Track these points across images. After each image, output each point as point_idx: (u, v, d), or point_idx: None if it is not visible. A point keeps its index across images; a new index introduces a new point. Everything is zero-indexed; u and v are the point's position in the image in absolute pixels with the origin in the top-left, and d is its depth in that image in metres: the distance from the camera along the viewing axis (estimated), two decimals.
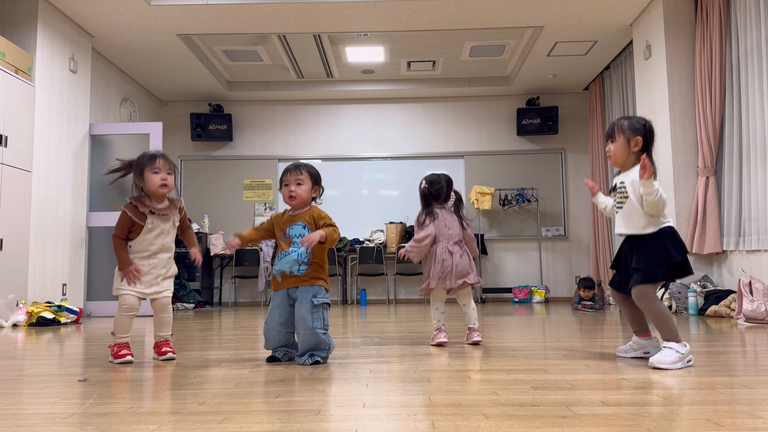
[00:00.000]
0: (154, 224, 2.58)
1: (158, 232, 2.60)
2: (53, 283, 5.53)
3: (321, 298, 2.50)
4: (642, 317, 2.56)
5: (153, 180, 2.57)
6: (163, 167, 2.60)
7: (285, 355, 2.56)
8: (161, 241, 2.61)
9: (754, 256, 4.79)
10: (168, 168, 2.62)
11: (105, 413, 1.59)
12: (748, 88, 4.84)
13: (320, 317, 2.47)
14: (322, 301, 2.50)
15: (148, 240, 2.58)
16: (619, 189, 2.47)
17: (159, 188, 2.58)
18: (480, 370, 2.26)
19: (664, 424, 1.40)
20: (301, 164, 2.61)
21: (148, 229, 2.57)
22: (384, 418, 1.52)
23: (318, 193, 2.65)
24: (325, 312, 2.51)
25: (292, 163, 2.61)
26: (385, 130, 8.61)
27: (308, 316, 2.45)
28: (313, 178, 2.60)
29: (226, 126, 8.41)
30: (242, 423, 1.47)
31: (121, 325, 2.58)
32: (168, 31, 6.22)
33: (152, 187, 2.58)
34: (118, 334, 2.59)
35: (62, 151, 5.75)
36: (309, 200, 2.61)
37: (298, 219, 2.56)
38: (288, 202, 2.59)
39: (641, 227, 2.38)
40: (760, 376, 2.07)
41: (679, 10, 5.58)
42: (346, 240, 8.08)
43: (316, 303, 2.48)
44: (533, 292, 7.84)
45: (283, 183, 2.60)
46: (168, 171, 2.62)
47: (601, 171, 7.68)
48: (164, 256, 2.63)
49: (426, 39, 6.82)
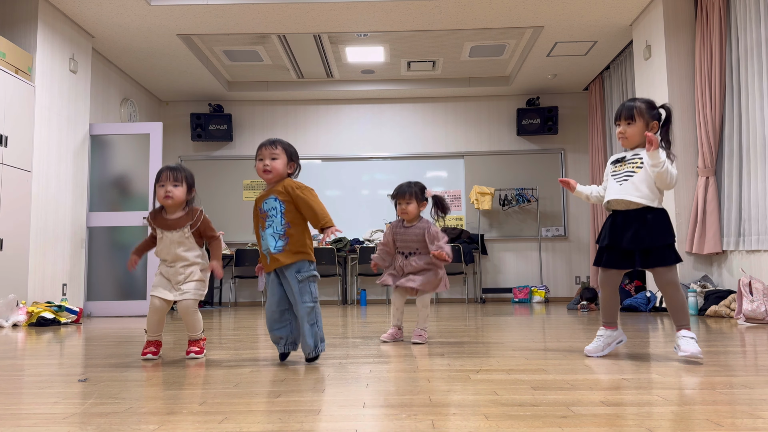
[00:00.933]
0: (164, 235, 2.68)
1: (168, 243, 2.67)
2: (53, 283, 5.53)
3: (305, 272, 2.44)
4: (617, 306, 2.57)
5: (159, 194, 2.69)
6: (167, 180, 2.67)
7: (291, 344, 2.53)
8: (173, 251, 2.67)
9: (754, 256, 4.79)
10: (173, 180, 2.67)
11: (105, 413, 1.59)
12: (748, 88, 4.84)
13: (307, 290, 2.43)
14: (306, 275, 2.44)
15: (163, 250, 2.69)
16: (630, 160, 2.49)
17: (163, 200, 2.68)
18: (480, 370, 2.26)
19: (664, 424, 1.40)
20: (276, 139, 2.56)
21: (159, 239, 2.70)
22: (384, 418, 1.52)
23: (294, 170, 2.58)
24: (312, 285, 2.46)
25: (267, 139, 2.56)
26: (385, 130, 8.61)
27: (297, 294, 2.42)
28: (288, 154, 2.55)
29: (226, 126, 8.41)
30: (242, 423, 1.47)
31: (149, 324, 2.72)
32: (168, 31, 6.22)
33: (159, 200, 2.70)
34: (148, 331, 2.74)
35: (62, 151, 5.75)
36: (284, 175, 2.54)
37: (271, 193, 2.49)
38: (263, 176, 2.54)
39: (650, 199, 2.42)
40: (760, 376, 2.07)
41: (679, 10, 5.58)
42: (346, 240, 8.08)
43: (300, 278, 2.42)
44: (533, 292, 7.84)
45: (257, 158, 2.56)
46: (174, 183, 2.67)
47: (601, 171, 7.68)
48: (179, 264, 2.67)
49: (426, 39, 6.82)
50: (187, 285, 2.66)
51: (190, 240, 2.68)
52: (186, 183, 2.69)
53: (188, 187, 2.71)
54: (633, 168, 2.46)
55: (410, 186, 3.20)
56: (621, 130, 2.52)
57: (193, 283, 2.66)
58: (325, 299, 8.27)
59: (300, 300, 2.42)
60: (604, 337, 2.54)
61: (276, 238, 2.45)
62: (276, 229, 2.45)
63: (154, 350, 2.70)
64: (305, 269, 2.45)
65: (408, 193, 3.17)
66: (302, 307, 2.42)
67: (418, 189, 3.19)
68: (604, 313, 2.58)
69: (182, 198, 2.68)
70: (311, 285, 2.46)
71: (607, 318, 2.55)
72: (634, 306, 5.60)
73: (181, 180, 2.67)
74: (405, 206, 3.17)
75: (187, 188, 2.70)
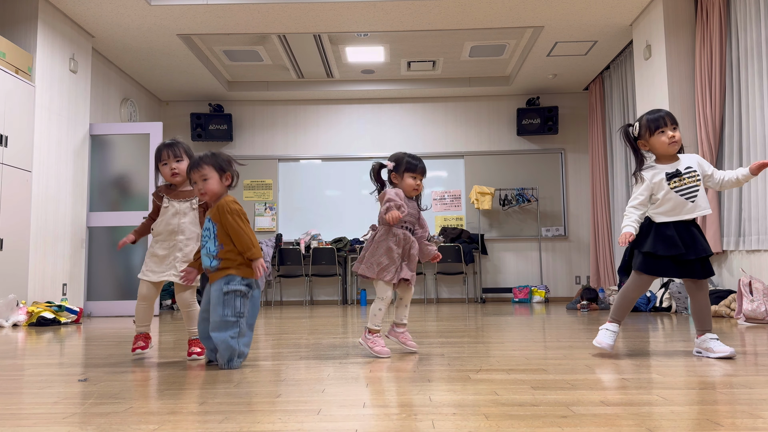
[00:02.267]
0: (170, 204, 2.69)
1: (172, 213, 2.67)
2: (53, 283, 5.53)
3: (233, 285, 2.36)
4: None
5: (164, 173, 2.72)
6: (169, 158, 2.69)
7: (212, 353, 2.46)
8: (177, 221, 2.67)
9: (754, 256, 4.79)
10: (175, 157, 2.70)
11: (105, 413, 1.59)
12: (748, 88, 4.84)
13: (231, 304, 2.35)
14: (233, 288, 2.36)
15: (165, 220, 2.68)
16: (687, 174, 2.56)
17: (171, 178, 2.71)
18: (480, 370, 2.26)
19: (664, 424, 1.40)
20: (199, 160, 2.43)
21: (164, 208, 2.69)
22: (384, 418, 1.52)
23: (231, 180, 2.49)
24: (237, 299, 2.36)
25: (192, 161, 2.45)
26: (385, 130, 8.61)
27: (218, 306, 2.34)
28: (217, 168, 2.44)
29: (226, 126, 8.41)
30: (242, 423, 1.47)
31: (137, 313, 2.74)
32: (168, 31, 6.22)
33: (166, 178, 2.72)
34: (136, 322, 2.75)
35: (62, 151, 5.75)
36: (222, 192, 2.46)
37: (209, 213, 2.45)
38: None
39: (707, 206, 2.56)
40: (760, 376, 2.07)
41: (679, 10, 5.58)
42: (346, 240, 8.08)
43: (226, 290, 2.35)
44: (533, 292, 7.84)
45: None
46: (176, 159, 2.70)
47: (601, 171, 7.68)
48: (181, 237, 2.66)
49: (426, 39, 6.82)
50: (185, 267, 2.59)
51: (196, 213, 2.71)
52: (186, 156, 2.73)
53: (189, 159, 2.71)
54: (694, 182, 2.56)
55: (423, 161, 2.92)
56: (673, 134, 2.57)
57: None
58: (325, 299, 8.27)
59: (220, 312, 2.33)
60: (615, 333, 2.63)
61: (210, 258, 2.40)
62: (210, 250, 2.40)
63: (143, 344, 2.71)
64: (235, 282, 2.37)
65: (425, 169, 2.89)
66: (221, 318, 2.33)
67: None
68: (622, 312, 2.66)
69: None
70: (237, 298, 2.36)
71: (621, 317, 2.65)
72: (635, 306, 5.60)
73: (181, 154, 2.72)
74: (421, 182, 2.89)
75: (189, 160, 2.71)
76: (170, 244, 2.66)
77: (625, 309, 2.67)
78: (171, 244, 2.66)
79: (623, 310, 2.66)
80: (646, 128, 2.60)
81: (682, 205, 2.54)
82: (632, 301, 2.67)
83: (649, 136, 2.59)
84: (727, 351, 2.44)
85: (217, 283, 2.38)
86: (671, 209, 2.55)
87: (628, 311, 2.67)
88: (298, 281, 8.21)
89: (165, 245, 2.67)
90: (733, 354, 2.45)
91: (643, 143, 2.64)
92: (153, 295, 2.71)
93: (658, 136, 2.57)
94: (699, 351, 2.55)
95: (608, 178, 7.63)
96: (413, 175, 2.84)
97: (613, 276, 7.26)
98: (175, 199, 2.69)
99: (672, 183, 2.56)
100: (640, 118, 2.65)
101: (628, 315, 2.75)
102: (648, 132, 2.59)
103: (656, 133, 2.57)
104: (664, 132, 2.57)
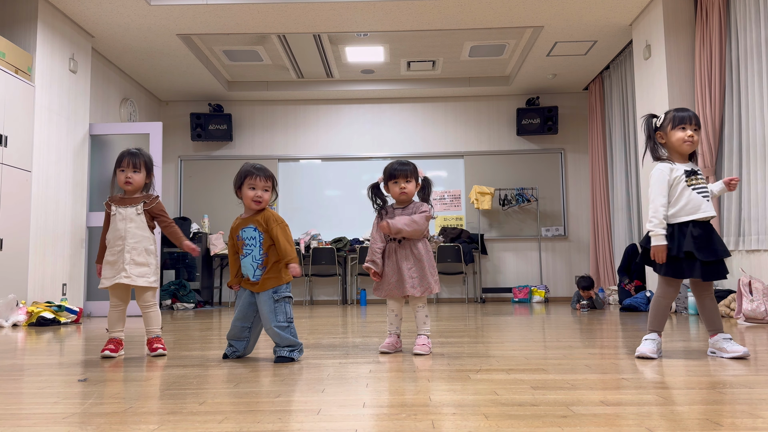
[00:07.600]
0: (117, 211, 2.79)
1: (119, 219, 2.78)
2: (53, 283, 5.53)
3: (281, 293, 2.57)
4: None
5: (119, 178, 2.83)
6: (128, 166, 2.81)
7: (233, 353, 2.65)
8: (124, 226, 2.78)
9: (754, 256, 4.79)
10: (133, 167, 2.81)
11: (105, 413, 1.59)
12: (748, 88, 4.84)
13: (282, 310, 2.56)
14: (282, 295, 2.57)
15: (114, 227, 2.79)
16: (700, 175, 2.59)
17: (124, 185, 2.83)
18: (480, 370, 2.26)
19: (664, 424, 1.40)
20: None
21: (112, 216, 2.80)
22: (384, 418, 1.52)
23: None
24: (287, 305, 2.58)
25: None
26: (385, 130, 8.61)
27: (270, 313, 2.54)
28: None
29: (226, 126, 8.41)
30: (242, 423, 1.47)
31: (108, 319, 2.83)
32: (168, 31, 6.22)
33: (119, 184, 2.83)
34: (108, 329, 2.82)
35: (62, 151, 5.75)
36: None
37: (250, 222, 2.63)
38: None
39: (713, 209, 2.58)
40: (760, 376, 2.07)
41: (679, 10, 5.58)
42: (346, 240, 8.08)
43: (276, 298, 2.55)
44: (533, 292, 7.84)
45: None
46: (134, 169, 2.81)
47: (601, 171, 7.68)
48: (131, 241, 2.77)
49: (426, 39, 6.82)
50: (136, 269, 2.75)
51: (141, 218, 2.81)
52: (145, 168, 2.85)
53: (147, 172, 2.86)
54: (705, 183, 2.58)
55: (408, 164, 2.92)
56: (692, 134, 2.58)
57: (141, 269, 2.76)
58: (325, 299, 8.27)
59: (274, 319, 2.53)
60: (657, 342, 2.56)
61: (255, 267, 2.59)
62: (255, 258, 2.59)
63: (113, 347, 2.76)
64: (282, 290, 2.58)
65: (408, 171, 2.89)
66: (276, 325, 2.52)
67: (414, 168, 2.94)
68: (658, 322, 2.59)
69: (141, 183, 2.85)
70: (286, 305, 2.58)
71: (659, 327, 2.59)
72: (634, 306, 5.60)
73: (140, 166, 2.83)
74: (405, 185, 2.88)
75: (146, 173, 2.86)
76: (118, 249, 2.77)
77: (661, 318, 2.60)
78: (119, 249, 2.77)
79: (659, 319, 2.60)
80: (670, 120, 2.60)
81: (699, 203, 2.53)
82: (666, 309, 2.61)
83: (670, 128, 2.60)
84: (740, 351, 2.45)
85: (266, 293, 2.56)
86: (687, 207, 2.52)
87: (665, 319, 2.61)
88: (298, 281, 8.20)
89: (113, 251, 2.78)
90: (746, 354, 2.44)
91: (661, 135, 2.64)
92: (122, 301, 2.82)
93: (679, 131, 2.59)
94: (713, 351, 2.56)
95: (608, 178, 7.63)
96: (395, 181, 2.93)
97: (613, 276, 7.26)
98: (121, 206, 2.80)
99: (690, 180, 2.56)
100: (668, 111, 2.66)
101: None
102: (671, 124, 2.60)
103: (678, 128, 2.59)
104: (685, 129, 2.58)
